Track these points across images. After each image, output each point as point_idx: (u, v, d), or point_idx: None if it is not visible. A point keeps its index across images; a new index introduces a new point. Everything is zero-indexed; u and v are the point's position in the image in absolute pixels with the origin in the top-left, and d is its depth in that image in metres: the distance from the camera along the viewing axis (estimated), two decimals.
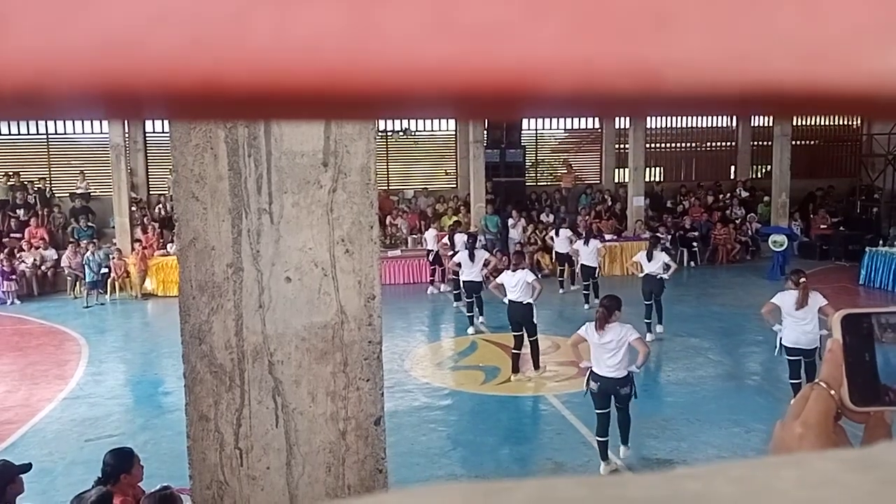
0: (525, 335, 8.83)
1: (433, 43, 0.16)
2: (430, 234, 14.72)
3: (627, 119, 16.96)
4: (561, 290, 13.72)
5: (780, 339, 7.31)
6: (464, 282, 11.17)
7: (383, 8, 0.16)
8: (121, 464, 4.15)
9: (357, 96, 0.16)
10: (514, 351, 8.91)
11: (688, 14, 0.17)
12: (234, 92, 0.16)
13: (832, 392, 0.65)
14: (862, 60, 0.17)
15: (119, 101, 0.16)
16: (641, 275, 10.51)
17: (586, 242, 12.38)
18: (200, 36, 0.16)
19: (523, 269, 8.94)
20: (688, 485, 0.22)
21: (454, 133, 18.50)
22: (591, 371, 6.30)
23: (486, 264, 11.07)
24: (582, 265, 12.43)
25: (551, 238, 14.48)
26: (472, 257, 10.95)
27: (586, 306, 11.89)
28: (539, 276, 14.26)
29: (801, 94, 0.17)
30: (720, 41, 0.17)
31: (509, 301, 8.80)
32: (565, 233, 13.99)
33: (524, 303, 8.68)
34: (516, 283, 8.70)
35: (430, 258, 14.43)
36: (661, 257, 10.42)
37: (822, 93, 0.17)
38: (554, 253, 14.43)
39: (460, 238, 12.84)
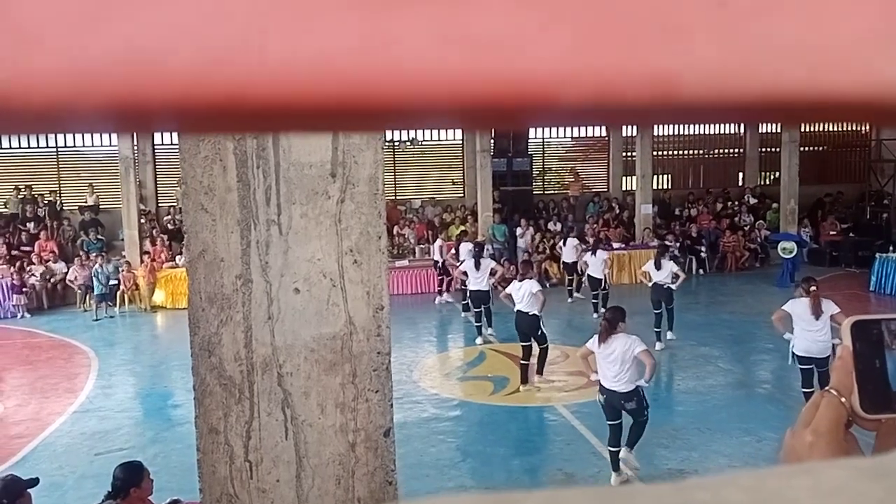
0: (535, 343, 8.81)
1: (444, 55, 0.16)
2: (438, 245, 14.72)
3: (635, 127, 16.99)
4: (570, 300, 13.69)
5: (792, 347, 7.26)
6: (470, 291, 11.17)
7: (395, 21, 0.16)
8: (131, 477, 4.16)
9: (371, 109, 0.17)
10: (522, 361, 8.88)
11: (698, 24, 0.17)
12: (252, 107, 0.17)
13: (843, 399, 0.65)
14: (871, 68, 0.17)
15: (140, 117, 0.17)
16: (650, 284, 10.45)
17: (594, 253, 12.33)
18: (218, 52, 0.16)
19: (530, 279, 8.92)
20: (698, 495, 0.22)
21: (461, 142, 18.55)
22: (599, 383, 6.29)
23: (492, 273, 11.07)
24: (588, 276, 12.41)
25: (559, 248, 14.45)
26: (477, 266, 10.94)
27: (595, 315, 11.83)
28: (547, 285, 14.30)
29: (811, 101, 0.17)
30: (730, 50, 0.17)
31: (517, 311, 8.78)
32: (572, 242, 13.98)
33: (530, 314, 8.66)
34: (522, 294, 8.69)
35: (438, 268, 14.42)
36: (670, 266, 10.37)
37: (832, 100, 0.17)
38: (562, 262, 14.42)
39: (465, 247, 12.86)
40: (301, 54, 0.16)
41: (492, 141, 16.89)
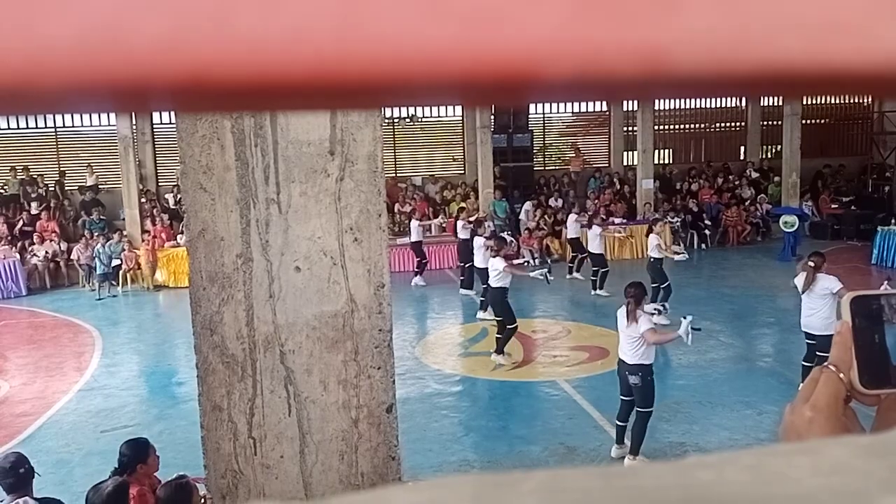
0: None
1: (428, 28, 0.16)
2: (415, 225, 14.15)
3: (635, 101, 16.94)
4: (568, 276, 13.68)
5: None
6: (477, 269, 11.33)
7: None
8: (137, 454, 4.20)
9: (349, 85, 0.16)
10: (497, 336, 9.14)
11: None
12: (222, 82, 0.16)
13: (841, 375, 0.65)
14: (873, 37, 0.16)
15: (106, 93, 0.16)
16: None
17: (590, 227, 12.53)
18: (184, 25, 0.16)
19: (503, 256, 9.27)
20: (700, 474, 0.22)
21: (461, 119, 18.44)
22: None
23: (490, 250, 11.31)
24: (589, 252, 12.59)
25: (564, 224, 14.51)
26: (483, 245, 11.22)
27: (593, 293, 11.98)
28: (549, 261, 14.32)
29: (811, 73, 0.17)
30: (728, 21, 0.16)
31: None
32: (574, 217, 14.03)
33: (493, 286, 9.03)
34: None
35: (415, 250, 13.91)
36: (650, 240, 10.63)
37: (833, 71, 0.17)
38: (566, 238, 14.45)
39: (460, 225, 13.01)
40: (273, 27, 0.16)
41: (492, 117, 16.79)
